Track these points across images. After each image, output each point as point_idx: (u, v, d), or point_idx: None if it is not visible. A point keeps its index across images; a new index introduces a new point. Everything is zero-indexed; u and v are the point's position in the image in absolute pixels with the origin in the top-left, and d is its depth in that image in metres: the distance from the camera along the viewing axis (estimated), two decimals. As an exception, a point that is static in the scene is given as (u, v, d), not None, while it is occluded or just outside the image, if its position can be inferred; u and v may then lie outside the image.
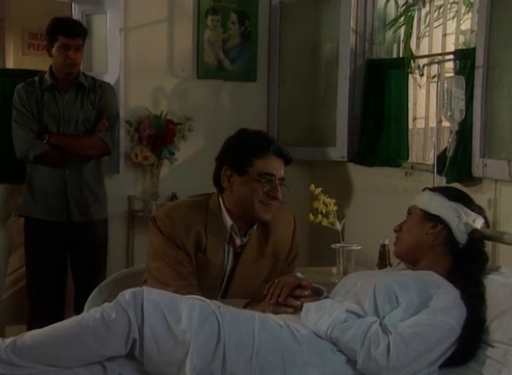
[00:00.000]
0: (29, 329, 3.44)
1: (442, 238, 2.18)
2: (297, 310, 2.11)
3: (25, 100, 3.54)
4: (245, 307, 2.14)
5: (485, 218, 2.25)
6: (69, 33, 3.49)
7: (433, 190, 2.30)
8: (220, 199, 2.33)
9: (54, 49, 3.51)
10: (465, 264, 2.14)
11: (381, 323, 1.97)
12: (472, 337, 2.01)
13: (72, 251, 3.68)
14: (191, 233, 2.27)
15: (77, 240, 3.66)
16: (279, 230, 2.40)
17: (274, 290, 2.16)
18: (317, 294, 2.19)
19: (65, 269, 3.71)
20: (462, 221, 2.16)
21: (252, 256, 2.35)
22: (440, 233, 2.18)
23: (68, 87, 3.59)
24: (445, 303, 2.00)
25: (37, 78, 3.61)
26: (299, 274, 2.28)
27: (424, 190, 2.37)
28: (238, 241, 2.34)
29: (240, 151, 2.28)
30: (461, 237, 2.16)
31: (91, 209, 3.64)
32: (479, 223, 2.19)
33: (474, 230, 2.18)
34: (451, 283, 2.08)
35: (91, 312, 1.87)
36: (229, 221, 2.31)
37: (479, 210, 2.25)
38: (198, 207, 2.33)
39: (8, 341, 1.85)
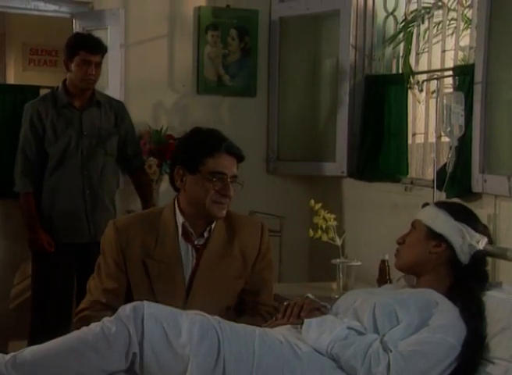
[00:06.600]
0: (30, 344, 3.45)
1: (445, 258, 2.16)
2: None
3: (35, 122, 3.50)
4: None
5: (488, 236, 2.23)
6: (90, 48, 3.49)
7: (439, 205, 2.25)
8: (176, 200, 2.36)
9: (73, 64, 3.49)
10: (466, 282, 2.13)
11: (381, 341, 1.95)
12: (472, 355, 1.99)
13: (84, 269, 3.64)
14: (135, 242, 2.30)
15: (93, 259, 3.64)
16: (245, 232, 2.39)
17: (292, 310, 2.15)
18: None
19: (73, 286, 3.67)
20: (466, 242, 2.13)
21: (216, 252, 2.33)
22: (443, 253, 2.16)
23: (85, 105, 3.58)
24: (445, 321, 1.99)
25: (48, 95, 3.58)
26: (310, 295, 2.25)
27: (424, 205, 2.35)
28: (196, 238, 2.33)
29: (192, 150, 2.29)
30: (464, 258, 2.14)
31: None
32: (483, 243, 2.17)
33: (478, 252, 2.15)
34: (451, 300, 2.07)
35: (91, 327, 1.87)
36: (180, 219, 2.33)
37: (484, 229, 2.22)
38: (149, 215, 2.42)
39: (9, 356, 1.84)
